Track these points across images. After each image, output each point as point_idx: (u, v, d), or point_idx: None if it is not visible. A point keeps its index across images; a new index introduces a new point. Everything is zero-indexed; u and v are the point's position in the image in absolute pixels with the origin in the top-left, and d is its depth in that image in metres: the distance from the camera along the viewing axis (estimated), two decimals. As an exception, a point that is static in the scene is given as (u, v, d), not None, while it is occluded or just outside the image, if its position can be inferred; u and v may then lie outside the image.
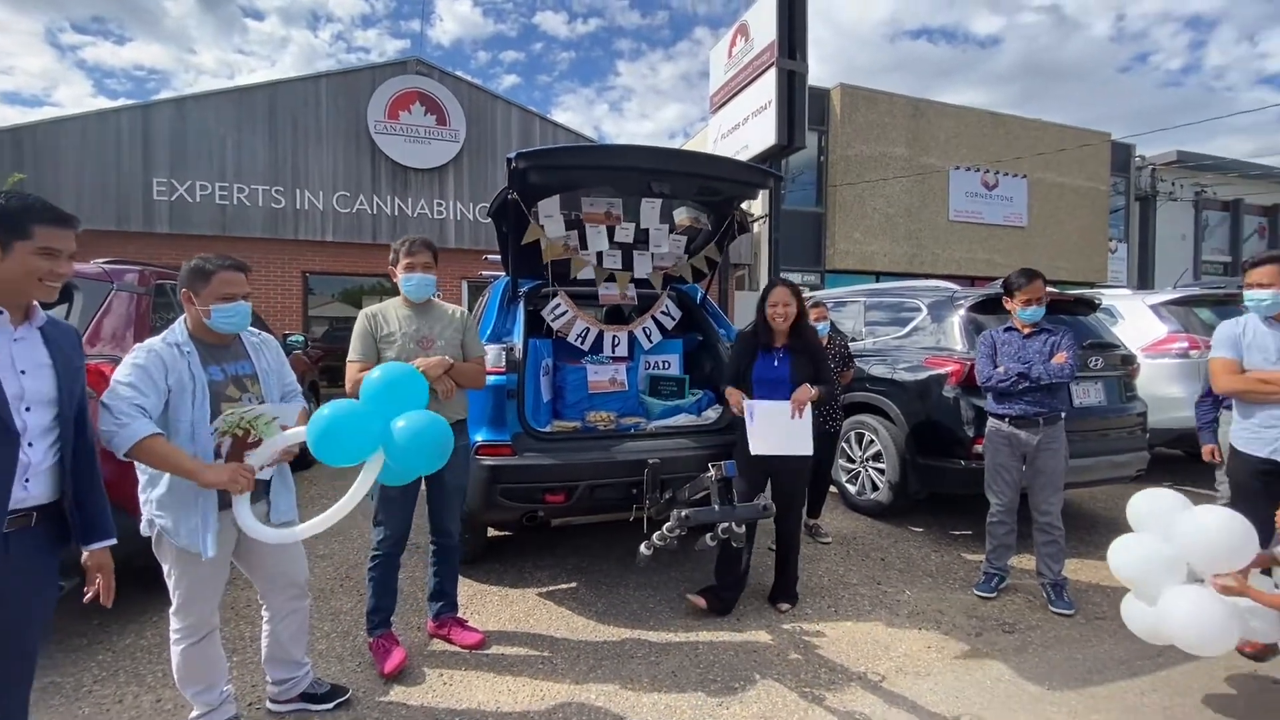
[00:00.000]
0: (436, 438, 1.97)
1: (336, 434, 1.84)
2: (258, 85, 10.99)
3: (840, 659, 2.64)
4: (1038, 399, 3.08)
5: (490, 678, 2.47)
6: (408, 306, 2.59)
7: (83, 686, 2.37)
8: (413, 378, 2.07)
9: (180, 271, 1.95)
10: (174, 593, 1.91)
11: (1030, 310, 3.13)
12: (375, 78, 11.35)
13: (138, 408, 1.74)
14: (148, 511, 1.87)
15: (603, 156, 3.22)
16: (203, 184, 10.54)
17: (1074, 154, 15.99)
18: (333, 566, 3.58)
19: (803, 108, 8.67)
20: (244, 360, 2.02)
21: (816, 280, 14.00)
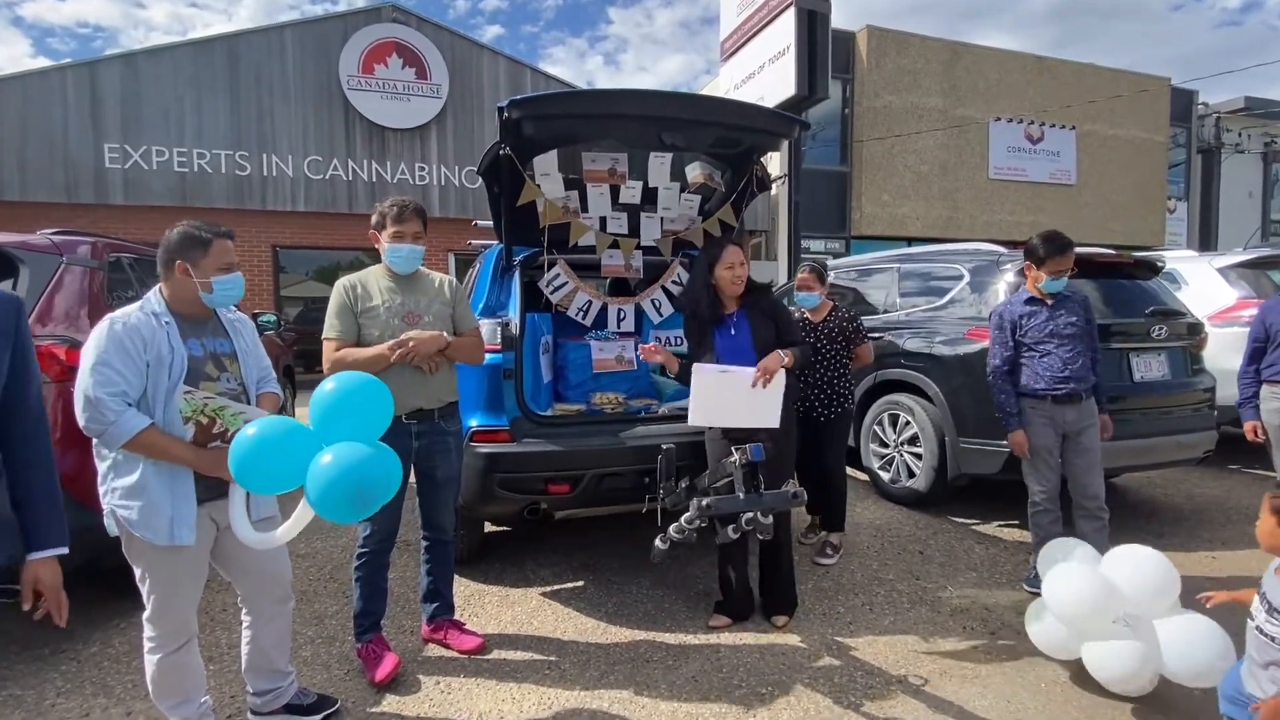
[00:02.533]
0: (356, 487, 1.72)
1: (258, 461, 1.71)
2: (216, 38, 10.87)
3: (878, 661, 2.63)
4: (1083, 373, 3.10)
5: (492, 685, 2.47)
6: (390, 277, 2.55)
7: (45, 700, 2.38)
8: (369, 392, 1.87)
9: (168, 240, 1.91)
10: (148, 597, 1.90)
11: (1058, 281, 3.12)
12: (347, 27, 11.21)
13: (120, 396, 1.73)
14: (110, 502, 1.84)
15: (607, 102, 3.13)
16: (159, 149, 10.47)
17: (1129, 102, 15.72)
18: (315, 566, 3.58)
19: (825, 53, 8.53)
20: (223, 338, 2.02)
21: (840, 248, 13.89)
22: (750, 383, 2.67)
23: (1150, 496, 4.78)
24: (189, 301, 1.93)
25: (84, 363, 1.77)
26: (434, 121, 11.59)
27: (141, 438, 1.74)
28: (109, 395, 1.72)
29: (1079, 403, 3.10)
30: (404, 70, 11.37)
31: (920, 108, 14.11)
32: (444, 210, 11.67)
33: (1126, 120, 16.01)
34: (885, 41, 13.81)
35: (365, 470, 1.74)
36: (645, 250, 3.77)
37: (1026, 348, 3.18)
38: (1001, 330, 3.25)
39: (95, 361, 1.75)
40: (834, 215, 13.98)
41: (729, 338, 2.94)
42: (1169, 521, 4.27)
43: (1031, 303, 3.19)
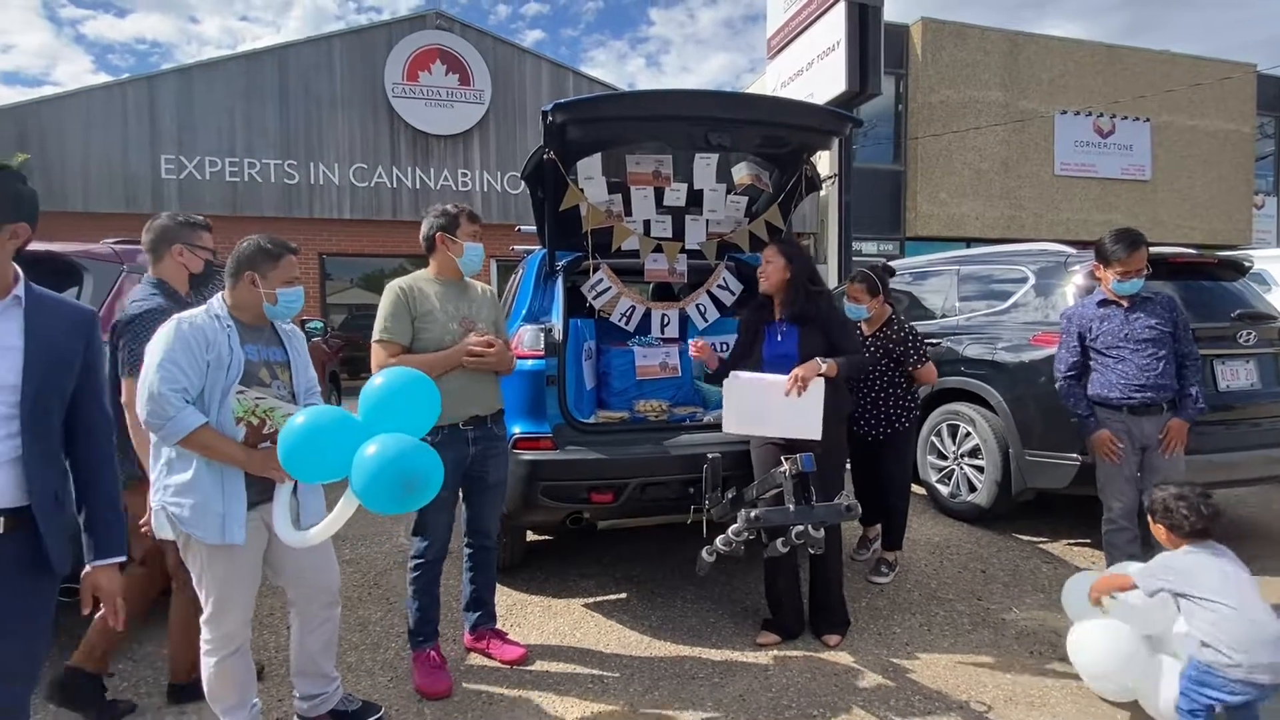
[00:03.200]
0: (401, 476, 1.76)
1: (306, 449, 1.79)
2: (266, 50, 11.34)
3: (937, 685, 2.56)
4: (1163, 381, 2.95)
5: (535, 697, 2.49)
6: (441, 283, 2.60)
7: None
8: (421, 388, 1.95)
9: (240, 251, 2.02)
10: (205, 600, 1.98)
11: (1131, 283, 2.98)
12: (392, 35, 11.54)
13: (181, 393, 1.83)
14: (161, 499, 1.92)
15: (652, 104, 3.16)
16: (211, 159, 10.95)
17: (1210, 91, 15.02)
18: (359, 573, 3.68)
19: (877, 47, 8.39)
20: (277, 347, 2.12)
21: (894, 249, 13.62)
22: (784, 390, 2.62)
23: (1239, 516, 4.53)
24: (250, 310, 2.04)
25: (150, 359, 1.86)
26: (476, 127, 11.84)
27: (197, 435, 1.83)
28: (171, 391, 1.81)
29: (1159, 414, 2.96)
30: (447, 76, 11.65)
31: (979, 102, 13.76)
32: (486, 216, 11.75)
33: (1208, 110, 15.30)
34: (941, 34, 13.53)
35: (411, 460, 1.78)
36: (690, 254, 3.77)
37: (1099, 353, 3.06)
38: (1069, 335, 3.14)
39: (161, 358, 1.84)
40: (887, 215, 13.72)
41: (775, 344, 2.91)
42: (1261, 543, 4.04)
43: (1105, 305, 3.07)
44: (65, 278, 2.79)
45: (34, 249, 2.86)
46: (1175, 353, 3.01)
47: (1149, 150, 15.02)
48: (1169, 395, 2.97)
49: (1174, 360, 3.00)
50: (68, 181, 10.57)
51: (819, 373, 2.64)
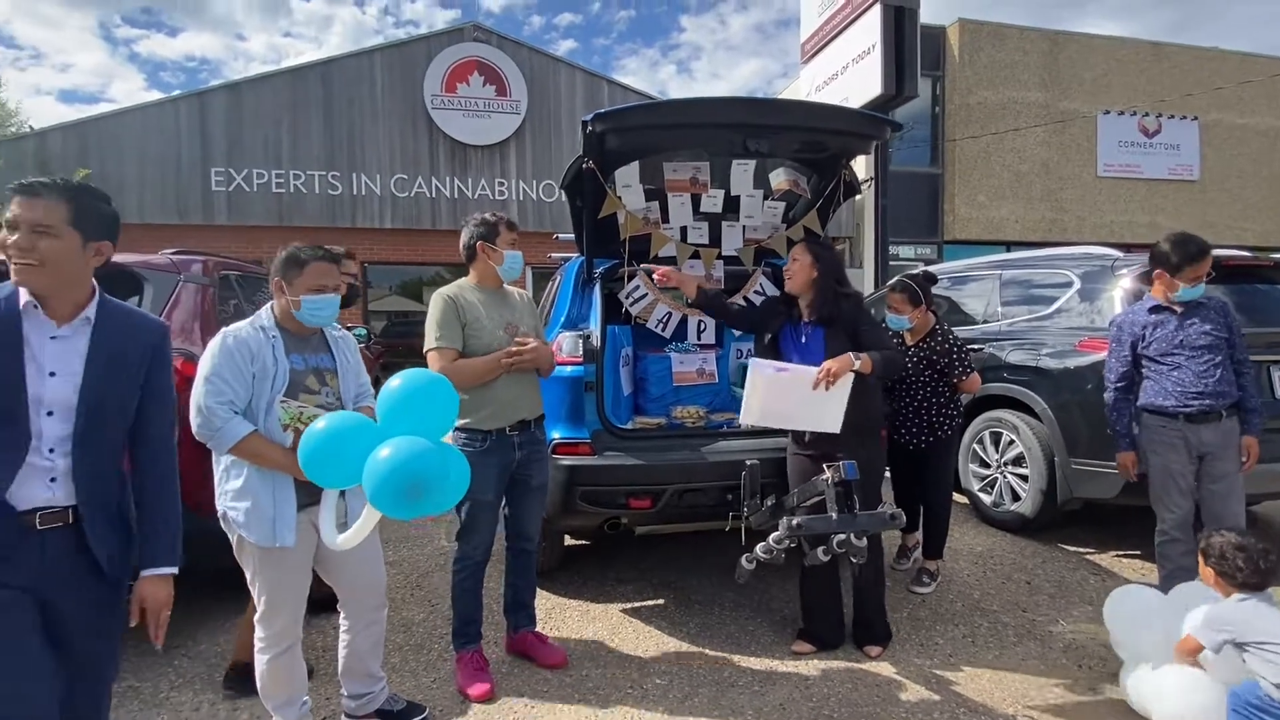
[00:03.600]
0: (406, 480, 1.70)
1: (324, 456, 1.78)
2: (310, 64, 11.64)
3: (982, 699, 2.50)
4: (1221, 387, 2.84)
5: (575, 701, 2.49)
6: (483, 291, 2.64)
7: (160, 692, 2.58)
8: (437, 389, 1.91)
9: (275, 259, 2.09)
10: (258, 599, 2.04)
11: (1198, 288, 2.90)
12: (431, 48, 11.76)
13: (228, 405, 1.91)
14: (222, 504, 2.00)
15: (690, 112, 3.15)
16: (259, 172, 11.28)
17: (1262, 88, 14.47)
18: (401, 575, 3.73)
19: (914, 49, 8.28)
20: (325, 354, 2.16)
21: (932, 254, 13.38)
22: (811, 384, 2.52)
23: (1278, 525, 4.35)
24: (291, 318, 2.08)
25: (199, 374, 1.95)
26: (513, 137, 11.98)
27: (245, 443, 1.91)
28: (218, 404, 1.89)
29: (1217, 421, 2.85)
30: (485, 88, 11.82)
31: (1019, 103, 13.47)
32: (522, 224, 11.77)
33: (1258, 108, 14.74)
34: (979, 35, 13.29)
35: (416, 464, 1.71)
36: (726, 260, 3.75)
37: (1152, 361, 2.96)
38: (1119, 343, 3.05)
39: (208, 373, 1.92)
40: (925, 219, 13.49)
41: (799, 345, 2.85)
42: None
43: (1157, 311, 2.97)
44: (127, 287, 2.89)
45: (98, 260, 3.00)
46: (1231, 359, 2.91)
47: (1197, 150, 14.52)
48: (1228, 402, 2.87)
49: (1231, 367, 2.91)
50: (124, 194, 10.97)
51: (852, 368, 2.53)
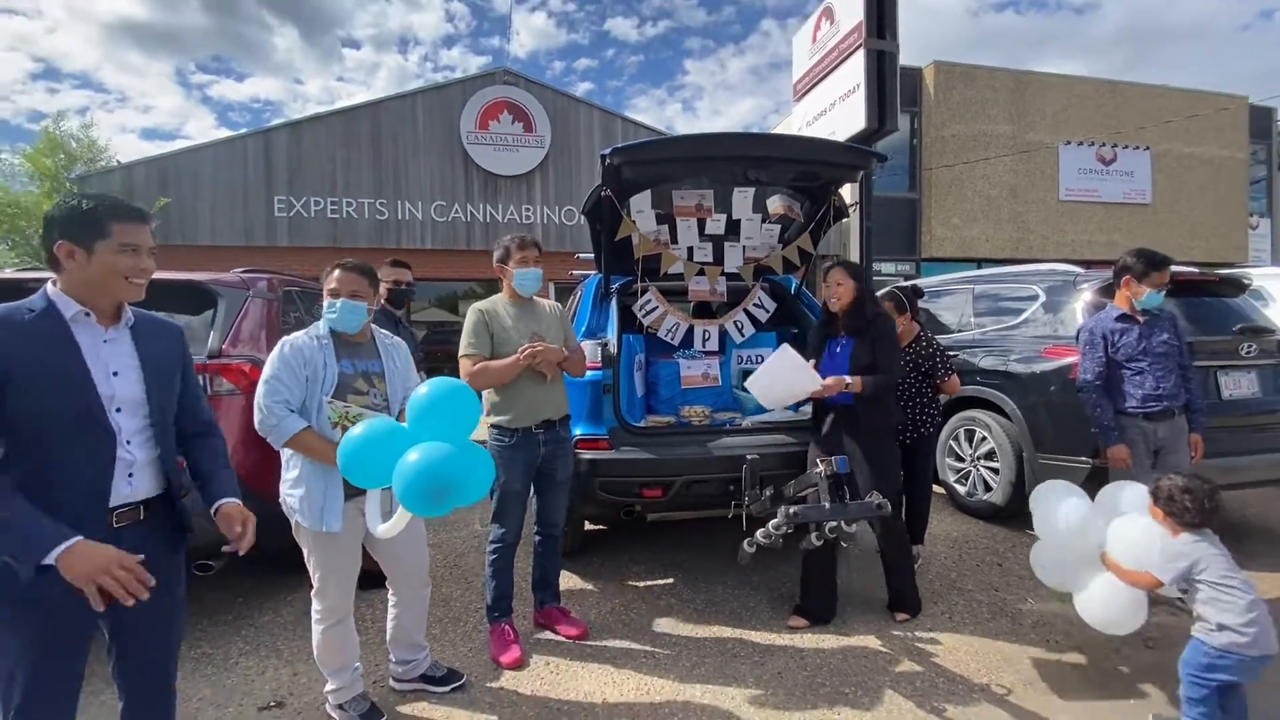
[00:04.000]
0: (430, 483, 1.67)
1: (360, 458, 1.77)
2: (360, 105, 11.75)
3: (959, 669, 2.47)
4: (1175, 390, 2.86)
5: (595, 669, 2.49)
6: (514, 304, 2.64)
7: (230, 658, 2.59)
8: (459, 396, 1.87)
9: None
10: (314, 575, 2.05)
11: (1159, 296, 2.89)
12: (466, 90, 11.85)
13: (284, 403, 1.93)
14: (284, 491, 2.03)
15: (697, 146, 3.15)
16: (316, 200, 11.40)
17: (1206, 121, 14.30)
18: (441, 555, 3.74)
19: (894, 88, 8.21)
20: (375, 359, 2.15)
21: (911, 270, 13.30)
22: (810, 388, 2.68)
23: (1243, 517, 4.26)
24: None
25: (262, 376, 1.97)
26: (538, 168, 12.05)
27: (299, 437, 1.93)
28: (275, 403, 1.92)
29: (1170, 419, 2.86)
30: (513, 125, 11.90)
31: (988, 135, 13.37)
32: (545, 245, 11.76)
33: (1204, 139, 14.56)
34: (952, 75, 13.22)
35: (440, 468, 1.68)
36: (729, 276, 3.75)
37: (1119, 365, 2.93)
38: (1093, 345, 2.99)
39: (268, 376, 1.95)
40: (905, 239, 13.41)
41: (834, 355, 2.88)
42: (1262, 542, 3.80)
43: (1124, 320, 2.93)
44: (202, 301, 2.93)
45: (175, 277, 3.03)
46: (1179, 365, 2.92)
47: (1149, 176, 14.37)
48: (1179, 403, 2.89)
49: (1179, 372, 2.92)
50: (198, 219, 11.12)
51: (844, 388, 2.67)
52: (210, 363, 2.67)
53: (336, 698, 2.12)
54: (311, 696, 2.28)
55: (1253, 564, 3.42)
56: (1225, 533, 2.45)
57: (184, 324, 2.78)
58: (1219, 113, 14.40)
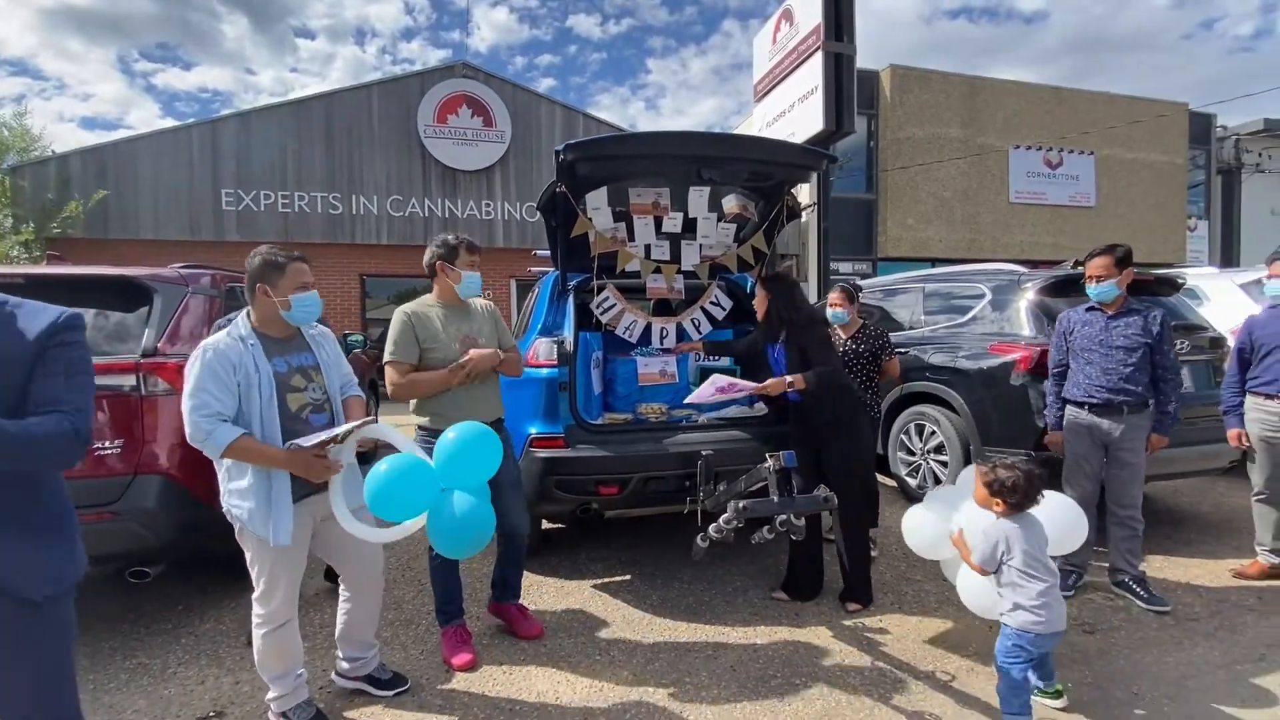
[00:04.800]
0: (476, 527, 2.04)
1: (391, 494, 1.94)
2: (314, 96, 11.41)
3: (906, 657, 2.54)
4: (1128, 385, 2.88)
5: (549, 669, 2.48)
6: (445, 306, 2.56)
7: (168, 668, 2.50)
8: (485, 441, 2.11)
9: (251, 265, 1.99)
10: (256, 580, 1.99)
11: (1096, 288, 2.94)
12: (424, 83, 11.63)
13: (215, 415, 1.83)
14: (226, 502, 1.95)
15: (652, 144, 3.17)
16: (266, 193, 11.03)
17: (1147, 127, 15.01)
18: (394, 557, 3.67)
19: (851, 91, 8.40)
20: (306, 352, 2.09)
21: (868, 269, 13.60)
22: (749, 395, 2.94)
23: (1177, 505, 4.50)
24: (273, 321, 2.00)
25: (185, 389, 1.86)
26: (498, 163, 11.90)
27: (236, 445, 1.83)
28: (203, 416, 1.82)
29: (1120, 415, 2.88)
30: (473, 119, 11.73)
31: (942, 138, 13.77)
32: (506, 241, 11.94)
33: (1145, 144, 15.27)
34: (908, 79, 13.56)
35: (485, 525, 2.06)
36: (685, 274, 3.78)
37: (1074, 354, 3.04)
38: (1058, 335, 3.13)
39: (192, 388, 1.84)
40: (861, 239, 13.71)
41: (773, 360, 3.04)
42: (1196, 530, 4.02)
43: (1091, 311, 3.04)
44: (136, 298, 2.81)
45: (105, 272, 2.91)
46: (1152, 363, 2.90)
47: (1094, 180, 15.00)
48: (1131, 399, 2.86)
49: (1148, 369, 2.90)
50: (140, 212, 10.66)
51: (784, 388, 2.85)
52: (144, 361, 2.58)
53: (279, 705, 2.06)
54: (254, 705, 2.22)
55: (1187, 551, 3.62)
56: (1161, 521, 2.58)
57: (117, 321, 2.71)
58: (1159, 119, 15.12)
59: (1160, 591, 2.97)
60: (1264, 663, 2.45)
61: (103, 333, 2.68)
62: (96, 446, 2.50)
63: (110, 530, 2.46)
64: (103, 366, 2.53)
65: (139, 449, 2.54)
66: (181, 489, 2.57)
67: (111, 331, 2.70)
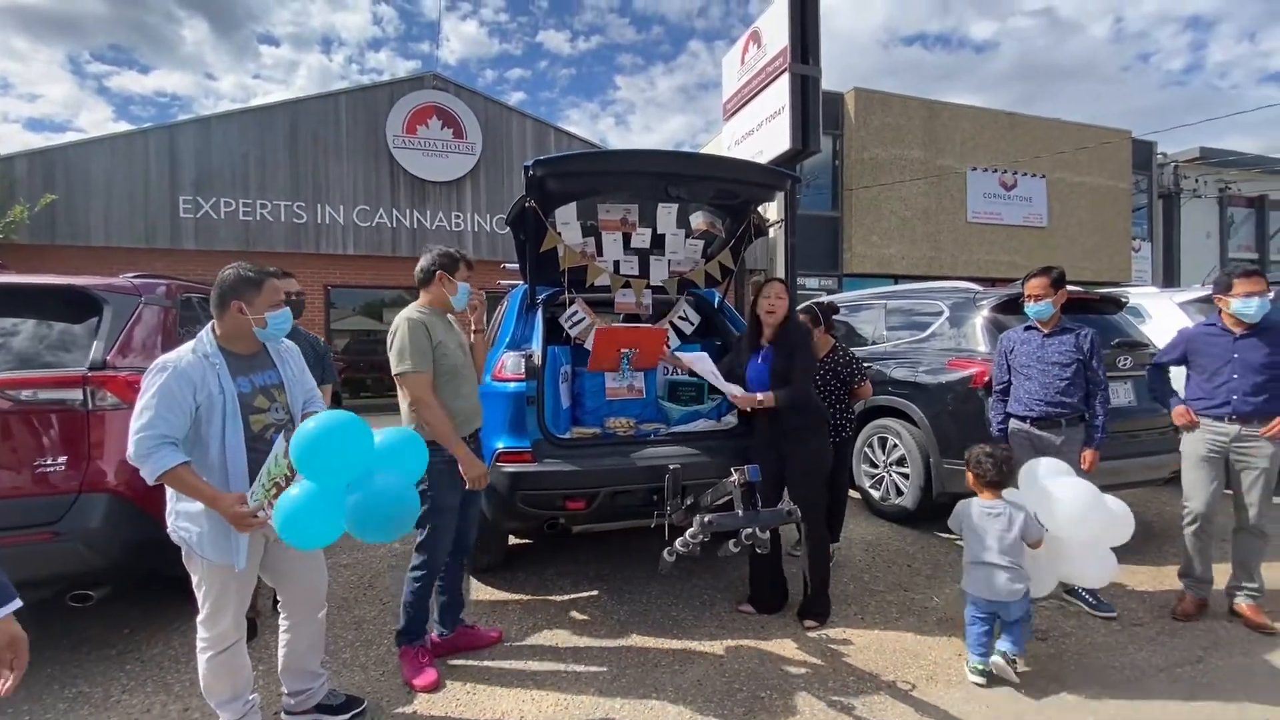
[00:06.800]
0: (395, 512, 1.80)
1: (302, 524, 1.72)
2: (279, 104, 11.20)
3: (869, 667, 2.58)
4: (1064, 399, 3.01)
5: (513, 688, 2.44)
6: (435, 315, 2.57)
7: (111, 696, 2.39)
8: (348, 429, 1.75)
9: (223, 281, 1.92)
10: (203, 603, 1.92)
11: (1034, 307, 3.08)
12: (393, 93, 11.52)
13: (159, 437, 1.75)
14: (172, 523, 1.88)
15: (620, 161, 3.20)
16: (227, 201, 10.75)
17: (1094, 152, 15.73)
18: (356, 575, 3.58)
19: (817, 112, 8.60)
20: (270, 370, 2.03)
21: (833, 284, 13.89)
22: (732, 392, 2.99)
23: (1123, 514, 4.67)
24: (241, 338, 1.95)
25: (138, 401, 1.79)
26: (468, 175, 11.82)
27: (174, 473, 1.75)
28: (148, 436, 1.74)
29: (1059, 427, 3.03)
30: (443, 131, 11.65)
31: (904, 159, 14.20)
32: (476, 253, 11.77)
33: (1092, 169, 15.99)
34: (871, 101, 13.97)
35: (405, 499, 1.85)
36: (654, 289, 3.81)
37: (1015, 371, 3.16)
38: (1000, 354, 3.25)
39: (142, 406, 1.77)
40: (828, 255, 14.00)
41: (757, 366, 3.02)
42: (1140, 538, 4.15)
43: (1029, 330, 3.17)
44: (85, 308, 2.71)
45: (55, 281, 2.80)
46: (1085, 379, 3.03)
47: (1045, 202, 15.62)
48: (1069, 412, 3.01)
49: (1082, 384, 3.02)
50: (91, 219, 10.27)
51: (756, 404, 2.91)
52: (92, 374, 2.47)
53: (230, 732, 1.98)
54: (203, 733, 2.14)
55: (1133, 559, 3.75)
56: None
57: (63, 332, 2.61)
58: (1104, 145, 15.86)
59: (1107, 598, 3.08)
60: (1202, 665, 2.56)
61: (47, 344, 2.58)
62: (37, 463, 2.39)
63: (50, 551, 2.34)
64: (47, 380, 2.44)
65: (85, 466, 2.43)
66: (131, 507, 2.46)
67: (57, 343, 2.60)
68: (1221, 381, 2.89)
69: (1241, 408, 2.83)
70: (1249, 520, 2.87)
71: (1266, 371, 2.80)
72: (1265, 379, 2.80)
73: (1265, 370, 2.80)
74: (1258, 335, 2.83)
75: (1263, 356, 2.80)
